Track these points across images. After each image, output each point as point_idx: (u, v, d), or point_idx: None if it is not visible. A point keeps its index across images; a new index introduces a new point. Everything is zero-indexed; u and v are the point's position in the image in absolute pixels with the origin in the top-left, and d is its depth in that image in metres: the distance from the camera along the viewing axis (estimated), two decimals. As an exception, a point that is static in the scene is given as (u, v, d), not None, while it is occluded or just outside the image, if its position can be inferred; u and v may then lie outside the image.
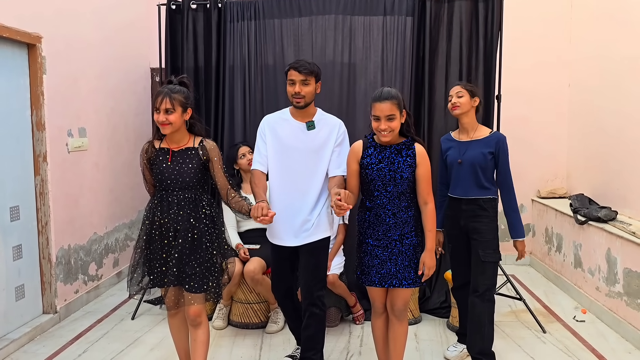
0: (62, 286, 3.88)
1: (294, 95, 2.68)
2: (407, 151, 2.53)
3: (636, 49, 3.85)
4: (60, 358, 3.26)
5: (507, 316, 3.87)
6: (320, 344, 2.79)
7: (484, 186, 2.91)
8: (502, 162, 2.92)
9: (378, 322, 2.73)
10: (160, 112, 2.44)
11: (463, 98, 2.92)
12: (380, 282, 2.56)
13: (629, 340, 3.42)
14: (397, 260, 2.53)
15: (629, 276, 3.46)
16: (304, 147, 2.71)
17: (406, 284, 2.54)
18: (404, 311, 2.62)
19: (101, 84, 4.42)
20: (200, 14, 4.04)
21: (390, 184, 2.51)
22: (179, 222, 2.50)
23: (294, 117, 2.77)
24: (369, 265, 2.58)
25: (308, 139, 2.72)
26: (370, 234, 2.57)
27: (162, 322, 3.73)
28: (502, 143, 2.91)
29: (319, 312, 2.74)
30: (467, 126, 2.98)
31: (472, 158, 2.90)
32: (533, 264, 5.23)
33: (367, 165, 2.54)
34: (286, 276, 2.88)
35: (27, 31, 3.48)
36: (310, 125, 2.73)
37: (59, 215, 3.83)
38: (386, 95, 2.46)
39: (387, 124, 2.46)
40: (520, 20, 4.94)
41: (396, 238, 2.53)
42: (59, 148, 3.84)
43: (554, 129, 5.15)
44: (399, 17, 3.93)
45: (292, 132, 2.74)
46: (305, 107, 2.72)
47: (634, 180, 3.87)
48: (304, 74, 2.66)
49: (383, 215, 2.53)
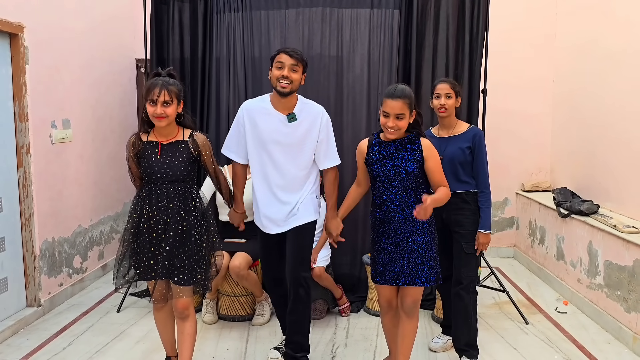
0: (46, 279, 3.84)
1: (280, 79, 2.57)
2: (412, 145, 2.52)
3: (620, 43, 3.90)
4: (45, 351, 3.24)
5: (490, 308, 3.92)
6: (305, 328, 2.78)
7: (465, 181, 2.94)
8: (478, 156, 2.93)
9: (385, 319, 2.74)
10: (157, 105, 2.39)
11: (451, 100, 2.94)
12: (393, 280, 2.56)
13: (609, 331, 3.49)
14: (410, 258, 2.53)
15: (609, 268, 3.53)
16: (286, 141, 2.67)
17: (420, 282, 2.54)
18: (414, 308, 2.61)
19: (85, 75, 4.37)
20: (187, 4, 4.00)
21: (395, 178, 2.50)
22: (168, 214, 2.48)
23: (274, 107, 2.67)
24: (382, 263, 2.58)
25: (289, 131, 2.66)
26: (382, 232, 2.57)
27: (148, 315, 3.72)
28: (478, 137, 2.93)
29: (304, 293, 2.70)
30: (448, 124, 3.00)
31: (451, 154, 2.92)
32: (517, 256, 5.30)
33: (372, 162, 2.54)
34: (275, 264, 2.88)
35: (9, 20, 3.42)
36: (292, 117, 2.66)
37: (43, 207, 3.79)
38: (399, 93, 2.45)
39: (395, 122, 2.45)
40: (506, 14, 4.97)
41: (408, 235, 2.52)
42: (43, 140, 3.79)
43: (538, 122, 5.21)
44: (386, 10, 3.93)
45: (272, 125, 2.67)
46: (289, 95, 2.63)
47: (615, 174, 3.94)
48: (295, 59, 2.58)
49: (392, 212, 2.53)
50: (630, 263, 3.27)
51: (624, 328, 3.31)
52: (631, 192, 3.73)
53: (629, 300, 3.29)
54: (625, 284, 3.32)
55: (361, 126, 3.97)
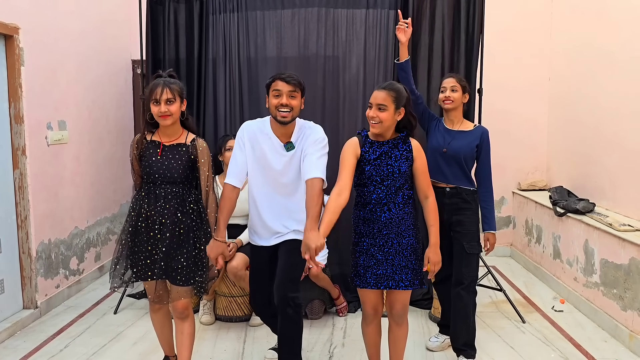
0: (43, 281, 3.84)
1: (279, 107, 2.46)
2: (404, 145, 2.48)
3: (615, 43, 3.91)
4: (42, 353, 3.23)
5: (487, 307, 3.93)
6: (297, 348, 2.63)
7: (466, 176, 2.96)
8: (484, 155, 2.98)
9: (369, 329, 2.59)
10: (160, 104, 2.42)
11: (457, 93, 2.96)
12: (375, 283, 2.45)
13: (605, 329, 3.50)
14: (394, 260, 2.44)
15: (605, 267, 3.54)
16: (283, 168, 2.58)
17: (403, 286, 2.44)
18: (404, 315, 2.54)
19: (81, 76, 4.36)
20: (182, 5, 4.00)
21: (388, 178, 2.44)
22: (164, 215, 2.49)
23: (274, 133, 2.57)
24: (364, 266, 2.47)
25: (286, 159, 2.57)
26: (365, 232, 2.47)
27: (145, 316, 3.71)
28: (486, 136, 2.98)
29: (292, 313, 2.54)
30: (454, 118, 3.02)
31: (458, 148, 2.93)
32: (513, 255, 5.31)
33: (366, 162, 2.45)
34: (265, 285, 2.74)
35: (4, 22, 3.41)
36: (289, 147, 2.55)
37: (39, 209, 3.78)
38: (386, 85, 2.42)
39: (377, 113, 2.38)
40: (502, 14, 4.98)
41: (392, 236, 2.44)
42: (39, 141, 3.78)
43: (534, 122, 5.23)
44: (382, 10, 3.94)
45: (271, 150, 2.58)
46: (288, 124, 2.52)
47: (611, 173, 3.95)
48: (292, 85, 2.46)
49: (378, 212, 2.44)
50: (626, 261, 3.29)
51: (620, 326, 3.33)
52: (626, 191, 3.75)
53: (625, 298, 3.30)
54: (621, 282, 3.34)
55: (357, 126, 3.97)
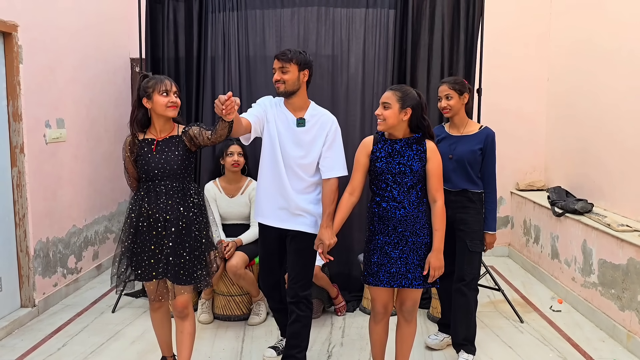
0: (41, 279, 3.83)
1: (275, 83, 2.67)
2: (418, 146, 2.52)
3: (614, 42, 3.92)
4: (40, 352, 3.22)
5: (485, 306, 3.93)
6: (305, 342, 2.76)
7: (472, 180, 2.98)
8: (488, 158, 3.00)
9: (378, 327, 2.62)
10: (169, 95, 2.48)
11: (452, 100, 2.97)
12: (388, 281, 2.48)
13: (603, 329, 3.51)
14: (408, 259, 2.47)
15: (603, 267, 3.55)
16: (292, 140, 2.70)
17: (417, 285, 2.47)
18: (413, 312, 2.58)
19: (80, 74, 4.35)
20: (181, 3, 3.99)
21: (400, 176, 2.48)
22: (167, 212, 2.48)
23: (286, 107, 2.74)
24: (378, 264, 2.49)
25: (296, 133, 2.70)
26: (380, 229, 2.50)
27: (143, 315, 3.71)
28: (491, 139, 3.00)
29: (303, 311, 2.71)
30: (458, 122, 3.03)
31: (461, 154, 2.95)
32: (512, 255, 5.32)
33: (377, 159, 2.52)
34: (275, 269, 2.88)
35: (3, 19, 3.40)
36: (300, 122, 2.70)
37: (37, 207, 3.77)
38: (395, 85, 2.61)
39: (381, 110, 2.49)
40: (501, 13, 4.98)
41: (407, 234, 2.47)
42: (37, 139, 3.77)
43: (533, 121, 5.23)
44: (382, 10, 3.93)
45: (283, 122, 2.72)
46: (290, 96, 2.68)
47: (610, 173, 3.96)
48: (282, 60, 2.64)
49: (393, 209, 2.47)
50: (624, 261, 3.29)
51: (618, 326, 3.33)
52: (625, 191, 3.75)
53: (622, 298, 3.31)
54: (619, 282, 3.34)
55: (355, 125, 3.97)
